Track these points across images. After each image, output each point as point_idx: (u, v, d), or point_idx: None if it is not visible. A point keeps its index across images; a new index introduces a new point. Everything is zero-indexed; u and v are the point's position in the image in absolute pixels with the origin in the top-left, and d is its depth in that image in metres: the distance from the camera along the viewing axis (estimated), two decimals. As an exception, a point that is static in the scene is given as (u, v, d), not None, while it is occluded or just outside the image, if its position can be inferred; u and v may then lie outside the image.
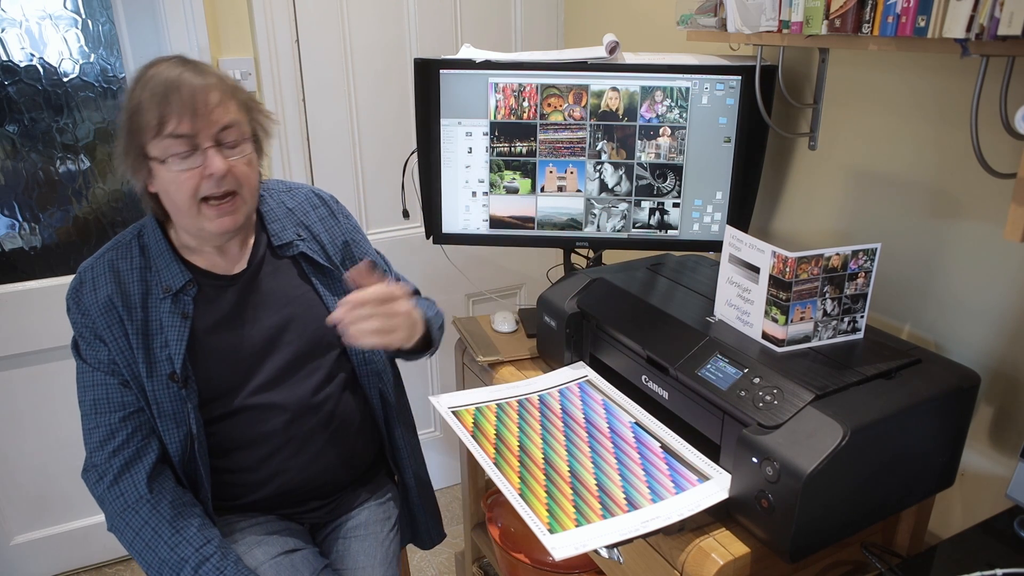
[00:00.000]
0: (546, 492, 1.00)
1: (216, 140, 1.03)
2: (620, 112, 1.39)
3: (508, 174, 1.46)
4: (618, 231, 1.48)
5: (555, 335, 1.35)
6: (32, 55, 1.74)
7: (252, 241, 1.18)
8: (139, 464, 1.09)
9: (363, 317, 1.02)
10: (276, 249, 1.19)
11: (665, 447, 1.08)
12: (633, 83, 1.37)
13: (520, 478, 1.03)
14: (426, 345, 1.23)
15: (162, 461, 1.11)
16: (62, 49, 1.76)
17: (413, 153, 1.49)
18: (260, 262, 1.18)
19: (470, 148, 1.45)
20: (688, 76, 1.37)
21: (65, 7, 1.74)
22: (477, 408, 1.21)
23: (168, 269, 1.10)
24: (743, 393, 0.98)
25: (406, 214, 2.12)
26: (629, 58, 1.40)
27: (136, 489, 1.07)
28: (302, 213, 1.25)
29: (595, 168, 1.44)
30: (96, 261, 1.12)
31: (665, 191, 1.44)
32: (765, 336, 1.08)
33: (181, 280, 1.10)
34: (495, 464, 1.06)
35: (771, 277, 1.04)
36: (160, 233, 1.12)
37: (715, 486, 0.99)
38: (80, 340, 1.11)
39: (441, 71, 1.40)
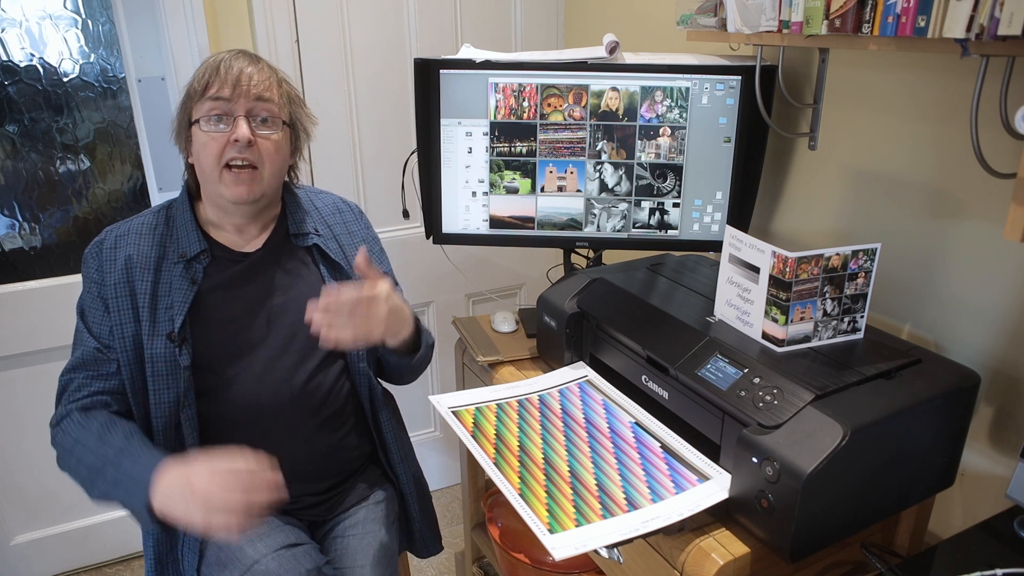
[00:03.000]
0: (546, 492, 1.00)
1: (249, 112, 1.11)
2: (620, 112, 1.39)
3: (508, 174, 1.46)
4: (618, 231, 1.48)
5: (555, 335, 1.35)
6: (32, 55, 1.74)
7: (272, 228, 1.24)
8: (87, 409, 1.12)
9: (338, 322, 1.05)
10: (292, 237, 1.24)
11: (665, 447, 1.08)
12: (633, 83, 1.37)
13: (520, 478, 1.03)
14: (413, 348, 1.25)
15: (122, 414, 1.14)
16: (62, 49, 1.76)
17: (413, 153, 1.49)
18: (275, 246, 1.23)
19: (470, 148, 1.45)
20: (688, 76, 1.37)
21: (65, 7, 1.74)
22: (477, 408, 1.21)
23: (187, 237, 1.17)
24: (743, 393, 0.98)
25: (406, 214, 2.12)
26: (629, 58, 1.40)
27: (72, 418, 1.11)
28: (327, 213, 1.31)
29: (595, 168, 1.44)
30: (123, 224, 1.18)
31: (665, 191, 1.44)
32: (765, 336, 1.08)
33: (196, 248, 1.16)
34: (495, 464, 1.06)
35: (771, 277, 1.04)
36: (188, 205, 1.19)
37: (715, 486, 0.99)
38: (87, 295, 1.15)
39: (441, 71, 1.40)
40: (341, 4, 1.87)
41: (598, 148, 1.42)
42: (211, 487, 0.93)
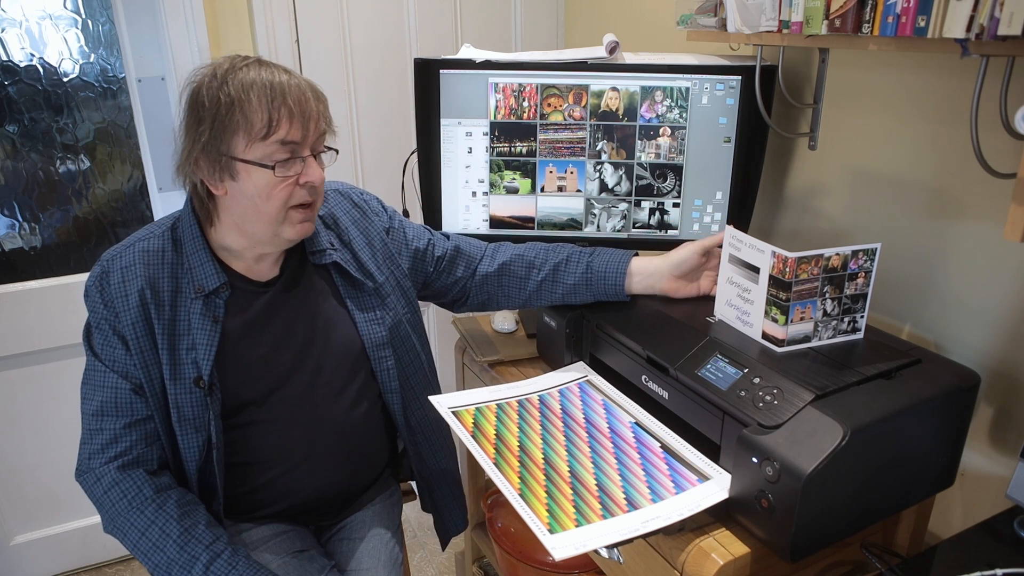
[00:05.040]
0: (546, 492, 1.00)
1: (314, 149, 1.03)
2: (620, 112, 1.39)
3: (508, 174, 1.46)
4: (618, 231, 1.48)
5: (555, 335, 1.35)
6: (32, 55, 1.74)
7: (287, 250, 1.14)
8: (140, 467, 1.06)
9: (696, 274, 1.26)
10: (309, 256, 1.15)
11: (665, 447, 1.08)
12: (633, 83, 1.37)
13: (520, 478, 1.03)
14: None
15: (164, 466, 1.10)
16: (62, 49, 1.76)
17: (413, 153, 1.49)
18: (293, 271, 1.14)
19: (470, 148, 1.45)
20: (688, 76, 1.36)
21: (65, 7, 1.74)
22: (477, 408, 1.21)
23: (203, 268, 1.06)
24: (743, 393, 0.98)
25: (406, 214, 2.11)
26: (629, 58, 1.40)
27: (140, 490, 1.04)
28: (331, 220, 1.20)
29: (595, 168, 1.44)
30: (125, 251, 1.06)
31: (665, 191, 1.44)
32: (765, 336, 1.08)
33: (216, 281, 1.06)
34: (495, 464, 1.06)
35: (771, 277, 1.04)
36: (198, 230, 1.07)
37: (715, 486, 0.99)
38: (96, 332, 1.05)
39: (441, 71, 1.40)
40: (341, 4, 1.87)
41: (598, 148, 1.42)
42: None
